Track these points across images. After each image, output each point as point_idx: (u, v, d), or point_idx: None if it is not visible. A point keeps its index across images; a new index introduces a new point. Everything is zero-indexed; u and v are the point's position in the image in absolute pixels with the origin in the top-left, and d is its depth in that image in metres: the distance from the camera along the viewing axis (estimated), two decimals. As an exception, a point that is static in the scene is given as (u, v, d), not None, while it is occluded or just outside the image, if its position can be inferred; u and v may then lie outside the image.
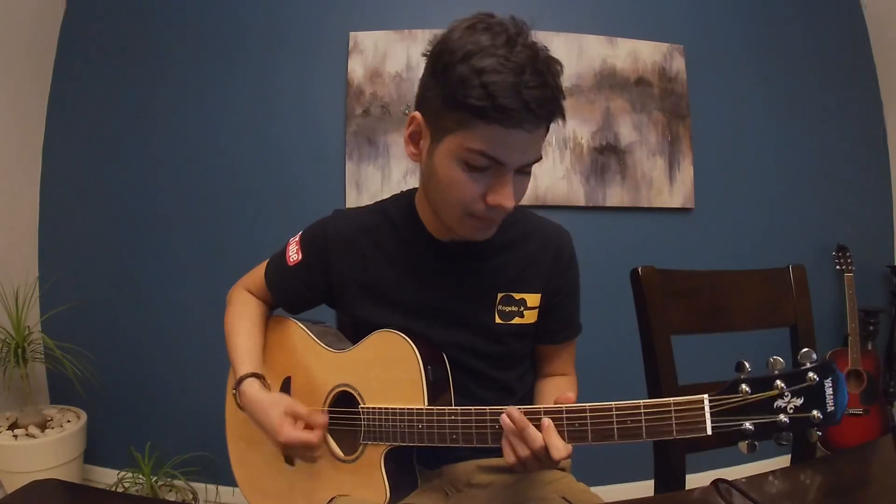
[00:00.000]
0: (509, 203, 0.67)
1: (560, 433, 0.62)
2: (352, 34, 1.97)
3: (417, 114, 0.72)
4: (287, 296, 0.90)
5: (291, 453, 0.80)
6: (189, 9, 2.00)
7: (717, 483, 0.69)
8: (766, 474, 0.72)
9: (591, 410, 0.61)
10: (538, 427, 0.63)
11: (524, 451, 0.63)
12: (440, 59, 0.65)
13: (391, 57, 1.96)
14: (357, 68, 1.96)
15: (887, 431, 2.04)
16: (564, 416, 0.63)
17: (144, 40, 2.01)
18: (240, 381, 0.81)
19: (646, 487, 0.99)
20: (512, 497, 0.80)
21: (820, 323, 1.14)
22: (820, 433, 0.56)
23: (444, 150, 0.68)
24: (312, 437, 0.74)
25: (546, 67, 0.63)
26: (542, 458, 0.63)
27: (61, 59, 2.04)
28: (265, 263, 0.93)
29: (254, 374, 0.81)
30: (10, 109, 1.93)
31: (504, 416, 0.65)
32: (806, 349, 0.56)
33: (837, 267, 2.09)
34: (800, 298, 1.06)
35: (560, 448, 0.61)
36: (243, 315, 0.90)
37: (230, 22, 2.00)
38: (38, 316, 1.95)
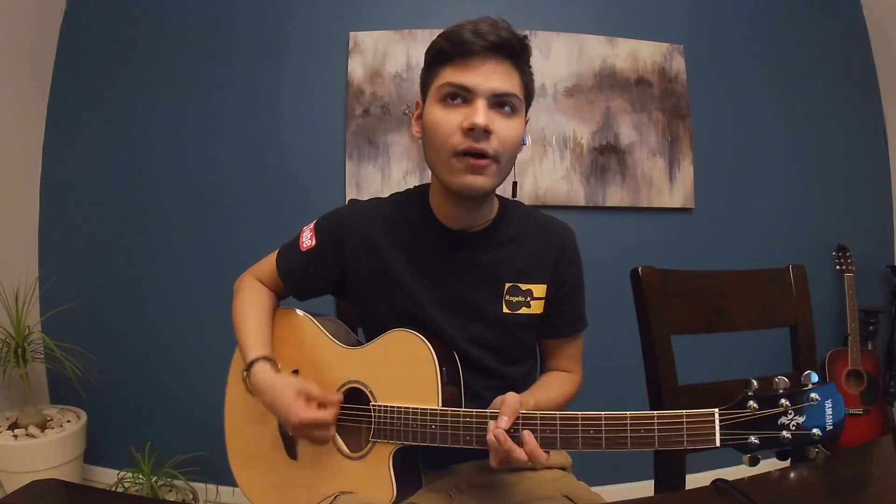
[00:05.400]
0: (479, 119, 0.71)
1: (574, 439, 0.65)
2: (352, 34, 1.97)
3: (418, 98, 0.82)
4: (297, 281, 0.91)
5: (303, 436, 0.79)
6: (189, 9, 2.00)
7: (717, 483, 0.69)
8: (766, 474, 0.72)
9: (607, 418, 0.64)
10: (521, 438, 0.66)
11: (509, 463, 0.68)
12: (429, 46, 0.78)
13: (391, 57, 1.96)
14: (357, 68, 1.96)
15: (887, 431, 2.04)
16: (580, 422, 0.65)
17: (144, 40, 2.01)
18: (251, 364, 0.82)
19: (646, 487, 0.99)
20: (514, 497, 0.81)
21: (820, 323, 1.14)
22: (818, 451, 0.60)
23: (428, 103, 0.78)
24: (327, 415, 0.75)
25: (501, 20, 0.74)
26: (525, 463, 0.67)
27: (61, 59, 2.04)
28: (275, 253, 0.94)
29: (265, 358, 0.82)
30: (10, 109, 1.93)
31: (491, 436, 0.67)
32: (807, 371, 0.60)
33: (837, 267, 2.09)
34: (800, 298, 1.07)
35: (541, 460, 0.66)
36: (253, 301, 0.90)
37: (230, 22, 2.00)
38: (38, 316, 1.95)
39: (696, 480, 0.81)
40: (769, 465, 0.67)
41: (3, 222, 1.91)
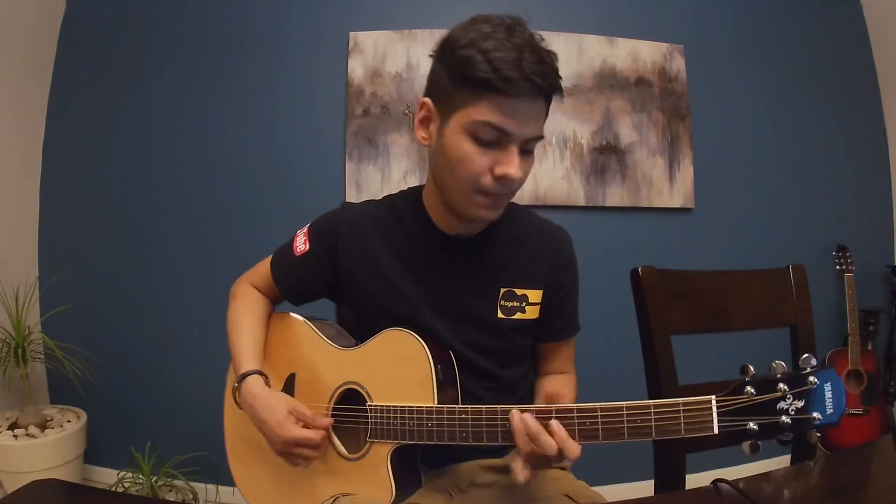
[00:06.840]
0: (516, 173, 0.70)
1: (571, 432, 0.63)
2: (352, 34, 1.97)
3: (427, 99, 0.75)
4: (292, 286, 0.90)
5: (289, 453, 0.78)
6: (189, 9, 2.00)
7: (717, 483, 0.69)
8: (766, 474, 0.72)
9: (602, 410, 0.62)
10: (548, 426, 0.63)
11: (537, 452, 0.64)
12: (447, 46, 0.71)
13: (391, 57, 1.96)
14: (357, 68, 1.96)
15: (887, 431, 2.04)
16: (575, 415, 0.64)
17: (144, 40, 2.01)
18: (241, 378, 0.81)
19: (646, 487, 0.99)
20: (515, 496, 0.81)
21: (820, 323, 1.14)
22: (819, 434, 0.58)
23: (453, 127, 0.71)
24: (315, 435, 0.75)
25: (542, 49, 0.70)
26: (553, 459, 0.64)
27: (61, 59, 2.04)
28: (269, 258, 0.92)
29: (257, 372, 0.81)
30: (10, 109, 1.93)
31: (517, 421, 0.64)
32: (806, 355, 0.58)
33: (837, 267, 2.09)
34: (800, 298, 1.06)
35: (574, 450, 0.62)
36: (247, 310, 0.89)
37: (230, 22, 2.00)
38: (38, 316, 1.95)
39: (696, 480, 0.81)
40: (769, 464, 0.67)
41: (3, 222, 1.91)
